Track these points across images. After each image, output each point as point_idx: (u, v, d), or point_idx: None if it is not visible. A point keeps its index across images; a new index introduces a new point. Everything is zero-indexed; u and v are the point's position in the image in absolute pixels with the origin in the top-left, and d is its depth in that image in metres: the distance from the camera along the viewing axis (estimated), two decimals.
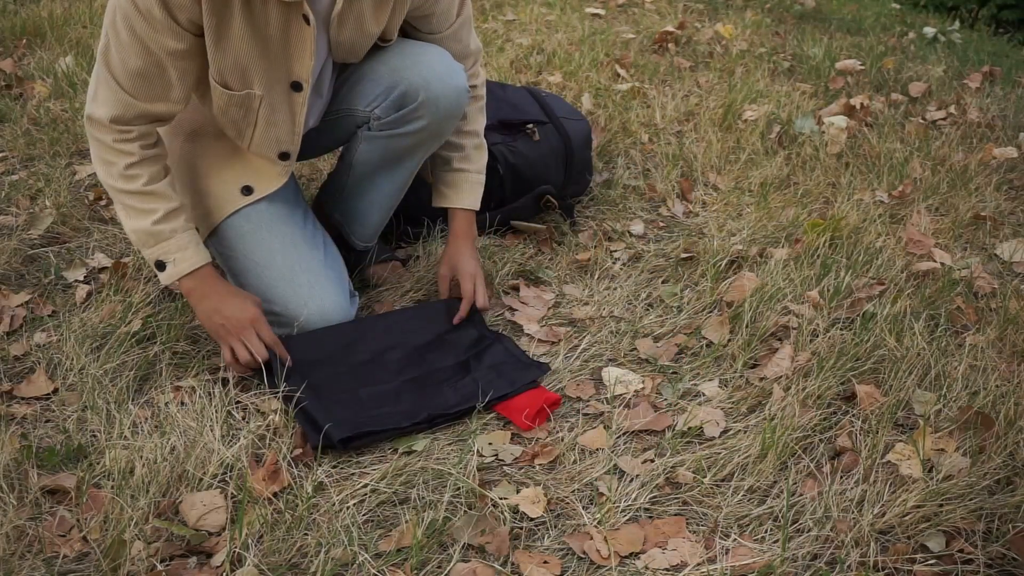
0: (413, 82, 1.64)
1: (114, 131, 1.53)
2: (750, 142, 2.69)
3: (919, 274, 2.04)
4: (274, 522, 1.33)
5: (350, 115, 1.74)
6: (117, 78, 1.49)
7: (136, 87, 1.50)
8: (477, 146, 1.86)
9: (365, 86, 1.69)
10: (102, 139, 1.55)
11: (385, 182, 1.82)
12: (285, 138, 1.67)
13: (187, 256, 1.60)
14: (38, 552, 1.27)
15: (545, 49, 3.45)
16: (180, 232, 1.60)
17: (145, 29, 1.44)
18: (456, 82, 1.66)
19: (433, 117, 1.67)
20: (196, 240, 1.62)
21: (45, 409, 1.57)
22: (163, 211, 1.58)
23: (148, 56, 1.47)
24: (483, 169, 1.87)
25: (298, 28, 1.52)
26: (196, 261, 1.61)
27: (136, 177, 1.56)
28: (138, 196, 1.57)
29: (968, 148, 2.75)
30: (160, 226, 1.58)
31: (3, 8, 3.55)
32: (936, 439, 1.51)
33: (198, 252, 1.62)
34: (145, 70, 1.48)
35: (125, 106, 1.51)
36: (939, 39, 4.24)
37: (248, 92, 1.57)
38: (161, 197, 1.58)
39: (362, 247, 1.95)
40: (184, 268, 1.60)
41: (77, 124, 2.59)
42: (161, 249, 1.59)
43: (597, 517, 1.37)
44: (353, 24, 1.58)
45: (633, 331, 1.84)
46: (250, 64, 1.53)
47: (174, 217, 1.60)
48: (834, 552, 1.32)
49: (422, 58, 1.66)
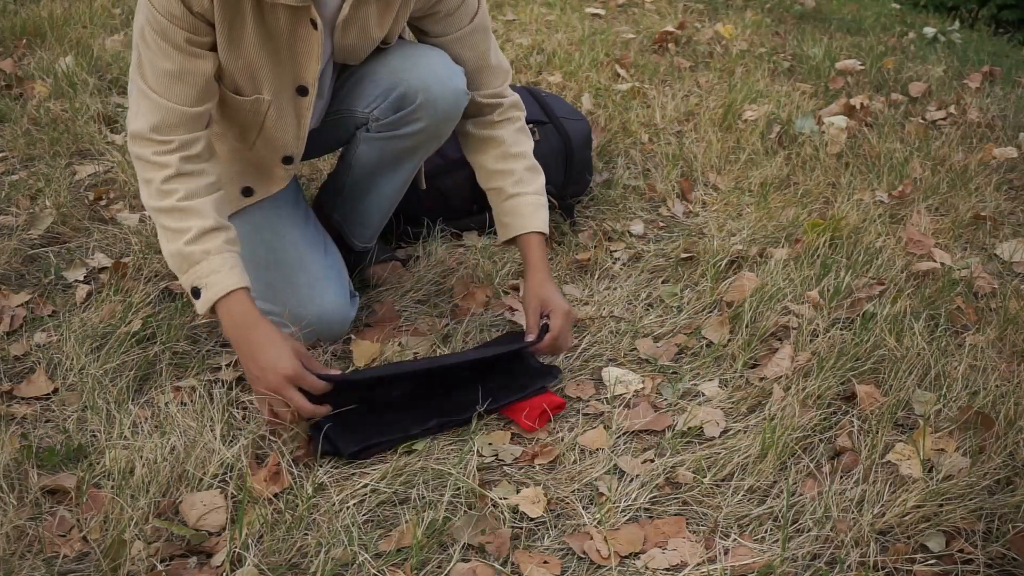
0: (412, 84, 1.64)
1: (154, 143, 1.47)
2: (750, 142, 2.69)
3: (919, 274, 2.04)
4: (274, 522, 1.33)
5: (349, 116, 1.74)
6: (152, 86, 1.47)
7: (171, 90, 1.47)
8: (529, 167, 1.73)
9: (364, 88, 1.69)
10: (142, 154, 1.48)
11: (384, 183, 1.82)
12: (290, 142, 1.67)
13: (218, 280, 1.45)
14: (38, 552, 1.27)
15: (545, 49, 3.45)
16: (214, 254, 1.46)
17: (169, 28, 1.43)
18: (455, 84, 1.65)
19: (431, 119, 1.67)
20: (232, 263, 1.47)
21: (45, 409, 1.57)
22: (196, 230, 1.46)
23: (177, 54, 1.45)
24: (542, 191, 1.73)
25: (305, 32, 1.52)
26: (226, 285, 1.46)
27: (172, 192, 1.47)
28: (172, 214, 1.47)
29: (968, 148, 2.75)
30: (192, 247, 1.46)
31: (3, 8, 3.54)
32: (936, 439, 1.51)
33: (231, 275, 1.46)
34: (177, 70, 1.46)
35: (164, 112, 1.46)
36: (939, 39, 4.24)
37: (257, 97, 1.57)
38: (196, 214, 1.47)
39: (361, 247, 1.95)
40: (215, 293, 1.45)
41: (77, 124, 2.60)
42: (194, 274, 1.46)
43: (597, 517, 1.37)
44: (358, 29, 1.59)
45: (633, 331, 1.84)
46: (260, 68, 1.53)
47: (209, 237, 1.47)
48: (834, 552, 1.32)
49: (421, 60, 1.65)
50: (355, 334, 1.79)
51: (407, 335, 1.81)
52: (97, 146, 2.51)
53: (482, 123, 1.74)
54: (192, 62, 1.47)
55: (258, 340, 1.47)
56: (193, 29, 1.45)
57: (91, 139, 2.53)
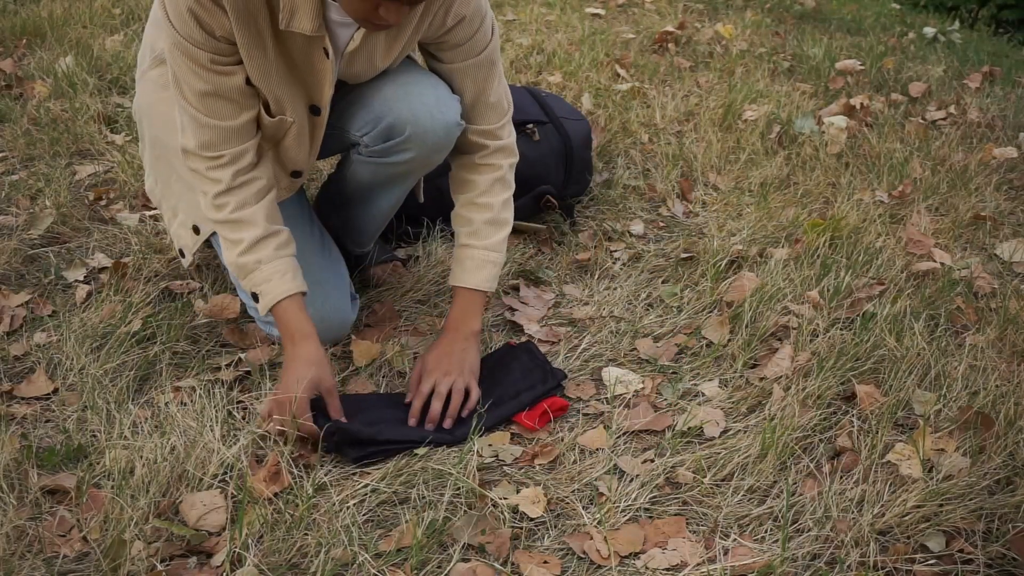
0: (401, 115, 1.61)
1: (205, 159, 1.52)
2: (750, 142, 2.69)
3: (919, 274, 2.04)
4: (274, 522, 1.33)
5: (344, 134, 1.73)
6: (192, 104, 1.50)
7: (210, 107, 1.50)
8: (489, 220, 1.69)
9: (357, 111, 1.67)
10: (197, 168, 1.54)
11: (379, 199, 1.81)
12: (302, 159, 1.67)
13: (271, 288, 1.53)
14: (38, 552, 1.27)
15: (545, 49, 3.45)
16: (265, 263, 1.53)
17: (194, 51, 1.45)
18: (446, 117, 1.61)
19: (420, 151, 1.65)
20: (283, 269, 1.54)
21: (45, 409, 1.57)
22: (248, 241, 1.53)
23: (206, 74, 1.47)
24: (496, 248, 1.69)
25: (318, 60, 1.52)
26: (277, 293, 1.53)
27: (224, 206, 1.53)
28: (227, 225, 1.54)
29: (968, 148, 2.75)
30: (246, 257, 1.53)
31: (3, 8, 3.54)
32: (936, 439, 1.51)
33: (282, 282, 1.53)
34: (211, 88, 1.48)
35: (208, 130, 1.50)
36: (939, 39, 4.24)
37: (282, 118, 1.58)
38: (247, 225, 1.53)
39: (358, 252, 1.95)
40: (268, 301, 1.54)
41: (77, 124, 2.60)
42: (250, 282, 1.54)
43: (597, 517, 1.37)
44: (364, 59, 1.59)
45: (633, 331, 1.84)
46: (283, 91, 1.54)
47: (261, 246, 1.53)
48: (834, 552, 1.32)
49: (414, 89, 1.62)
50: (355, 334, 1.79)
51: (407, 335, 1.81)
52: (97, 146, 2.51)
53: (463, 163, 1.72)
54: (222, 80, 1.48)
55: (293, 356, 1.53)
56: (216, 51, 1.46)
57: (91, 139, 2.53)
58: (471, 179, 1.71)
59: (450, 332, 1.66)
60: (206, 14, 1.42)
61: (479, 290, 1.68)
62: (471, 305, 1.68)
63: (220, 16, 1.42)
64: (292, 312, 1.55)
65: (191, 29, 1.43)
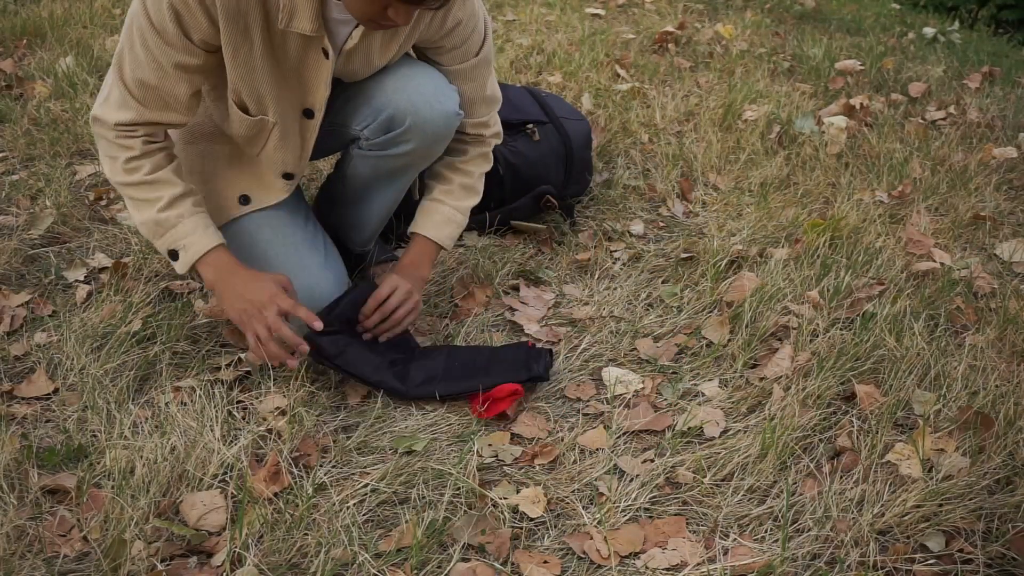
0: (400, 107, 1.62)
1: (118, 130, 1.53)
2: (750, 142, 2.69)
3: (919, 274, 2.04)
4: (274, 522, 1.33)
5: (343, 129, 1.73)
6: (128, 86, 1.49)
7: (146, 97, 1.50)
8: (465, 186, 1.78)
9: (357, 105, 1.68)
10: (104, 135, 1.54)
11: (379, 195, 1.82)
12: (292, 161, 1.67)
13: (196, 240, 1.55)
14: (38, 552, 1.27)
15: (545, 49, 3.45)
16: (187, 217, 1.55)
17: (159, 44, 1.44)
18: (445, 107, 1.63)
19: (421, 141, 1.66)
20: (205, 223, 1.58)
21: (45, 409, 1.57)
22: (167, 198, 1.54)
23: (159, 70, 1.47)
24: (465, 210, 1.78)
25: (315, 60, 1.52)
26: (206, 243, 1.56)
27: (137, 168, 1.54)
28: (141, 187, 1.54)
29: (968, 148, 2.75)
30: (165, 213, 1.54)
31: (3, 8, 3.55)
32: (936, 439, 1.51)
33: (207, 235, 1.57)
34: (156, 83, 1.48)
35: (134, 113, 1.51)
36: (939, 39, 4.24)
37: (262, 118, 1.58)
38: (164, 184, 1.55)
39: (359, 251, 1.95)
40: (195, 253, 1.55)
41: (77, 124, 2.60)
42: (170, 237, 1.55)
43: (597, 517, 1.37)
44: (362, 57, 1.59)
45: (633, 331, 1.84)
46: (267, 92, 1.54)
47: (179, 203, 1.55)
48: (834, 552, 1.32)
49: (412, 81, 1.63)
50: None
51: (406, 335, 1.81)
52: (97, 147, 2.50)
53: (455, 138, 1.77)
54: (171, 83, 1.49)
55: (243, 280, 1.57)
56: (185, 51, 1.46)
57: (91, 139, 2.53)
58: (459, 147, 1.78)
59: (402, 270, 1.73)
60: (188, 15, 1.41)
61: (438, 244, 1.76)
62: (427, 254, 1.76)
63: (202, 18, 1.42)
64: (223, 256, 1.58)
65: (167, 25, 1.42)
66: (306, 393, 1.60)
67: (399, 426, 1.57)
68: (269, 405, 1.57)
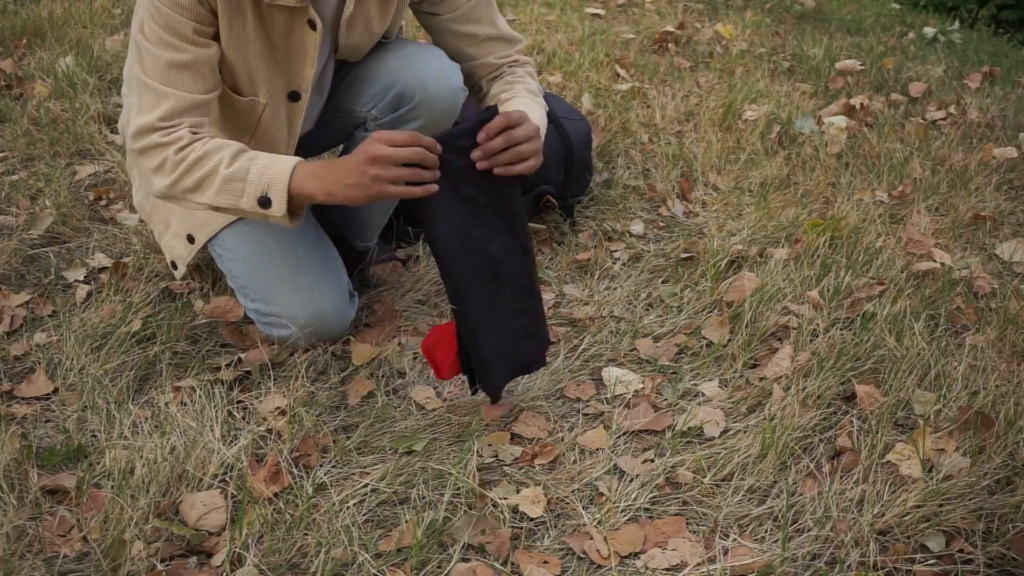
0: (409, 82, 1.64)
1: (161, 130, 1.47)
2: (750, 142, 2.69)
3: (919, 274, 2.04)
4: (274, 522, 1.33)
5: (348, 115, 1.74)
6: (156, 78, 1.46)
7: (177, 79, 1.46)
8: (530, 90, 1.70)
9: (362, 86, 1.69)
10: (148, 142, 1.47)
11: None
12: (280, 148, 1.66)
13: (276, 171, 1.45)
14: (38, 552, 1.27)
15: (545, 49, 3.45)
16: (256, 159, 1.46)
17: (175, 19, 1.43)
18: (452, 82, 1.65)
19: (429, 117, 1.67)
20: (272, 156, 1.48)
21: (45, 409, 1.57)
22: (228, 156, 1.46)
23: (183, 44, 1.44)
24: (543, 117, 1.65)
25: (301, 34, 1.51)
26: (287, 167, 1.45)
27: (188, 153, 1.46)
28: (198, 164, 1.45)
29: (968, 148, 2.75)
30: (235, 165, 1.45)
31: (3, 8, 3.55)
32: (936, 439, 1.51)
33: (283, 160, 1.46)
34: (183, 60, 1.45)
35: (172, 99, 1.46)
36: (939, 39, 4.24)
37: (253, 99, 1.57)
38: (217, 149, 1.46)
39: (362, 247, 1.95)
40: (283, 183, 1.44)
41: (77, 124, 2.60)
42: (251, 185, 1.45)
43: (597, 517, 1.37)
44: (362, 26, 1.59)
45: (633, 331, 1.84)
46: (258, 70, 1.53)
47: (242, 154, 1.47)
48: (834, 552, 1.32)
49: (418, 58, 1.65)
50: (355, 334, 1.79)
51: (407, 335, 1.81)
52: (97, 146, 2.51)
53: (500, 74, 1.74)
54: (200, 51, 1.47)
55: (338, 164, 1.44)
56: (199, 19, 1.45)
57: (91, 139, 2.53)
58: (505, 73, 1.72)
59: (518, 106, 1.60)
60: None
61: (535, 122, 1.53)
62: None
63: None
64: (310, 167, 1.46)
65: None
66: (306, 393, 1.60)
67: (399, 426, 1.56)
68: (269, 405, 1.58)
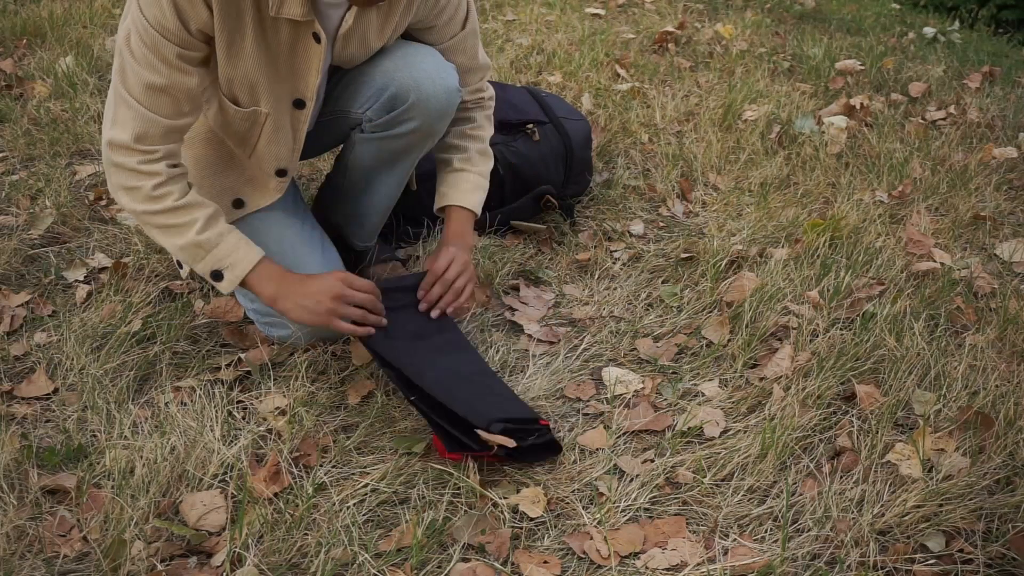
0: (403, 83, 1.64)
1: (139, 152, 1.48)
2: (750, 142, 2.69)
3: (919, 274, 2.04)
4: (274, 522, 1.33)
5: (343, 117, 1.74)
6: (136, 96, 1.46)
7: (155, 102, 1.46)
8: (481, 151, 1.82)
9: (357, 89, 1.69)
10: (124, 163, 1.49)
11: (381, 183, 1.82)
12: (284, 155, 1.67)
13: (241, 256, 1.54)
14: (38, 552, 1.27)
15: (545, 49, 3.45)
16: (227, 235, 1.54)
17: (160, 41, 1.42)
18: (446, 82, 1.65)
19: (425, 118, 1.67)
20: (244, 238, 1.56)
21: (45, 409, 1.57)
22: (203, 219, 1.52)
23: (165, 67, 1.44)
24: (486, 174, 1.82)
25: (305, 46, 1.52)
26: (252, 258, 1.55)
27: (166, 196, 1.50)
28: (172, 213, 1.51)
29: (968, 148, 2.75)
30: (205, 234, 1.52)
31: (3, 8, 3.54)
32: (936, 439, 1.51)
33: (250, 249, 1.56)
34: (163, 83, 1.45)
35: (148, 123, 1.47)
36: (939, 39, 4.24)
37: (255, 109, 1.57)
38: (196, 206, 1.53)
39: (362, 247, 1.95)
40: (242, 270, 1.54)
41: (77, 124, 2.60)
42: (213, 258, 1.53)
43: (597, 517, 1.37)
44: (358, 40, 1.59)
45: (633, 331, 1.84)
46: (259, 80, 1.53)
47: (215, 222, 1.54)
48: (834, 552, 1.32)
49: (412, 59, 1.65)
50: None
51: None
52: (97, 146, 2.50)
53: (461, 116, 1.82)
54: (179, 77, 1.46)
55: (299, 280, 1.58)
56: (185, 45, 1.44)
57: (91, 139, 2.53)
58: (465, 116, 1.81)
59: (452, 240, 1.75)
60: (188, 4, 1.40)
61: (472, 211, 1.78)
62: (467, 223, 1.77)
63: (200, 6, 1.41)
64: (272, 266, 1.58)
65: (165, 17, 1.40)
66: (306, 393, 1.60)
67: (399, 426, 1.56)
68: (269, 405, 1.58)
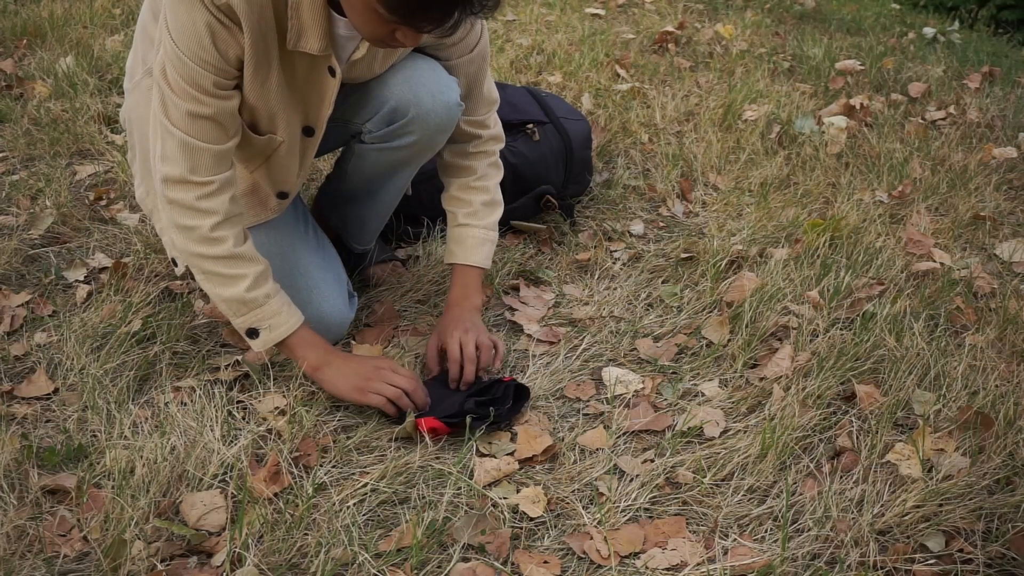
0: (403, 97, 1.63)
1: (195, 186, 1.46)
2: (750, 142, 2.69)
3: (919, 274, 2.04)
4: (274, 522, 1.33)
5: (345, 125, 1.73)
6: (180, 127, 1.44)
7: (200, 130, 1.44)
8: (486, 203, 1.77)
9: (358, 100, 1.68)
10: (182, 199, 1.46)
11: (380, 191, 1.82)
12: (288, 179, 1.67)
13: (283, 320, 1.54)
14: (38, 552, 1.27)
15: (545, 49, 3.45)
16: (273, 296, 1.54)
17: (197, 73, 1.40)
18: (447, 98, 1.63)
19: (423, 132, 1.66)
20: (287, 301, 1.56)
21: (45, 409, 1.57)
22: (252, 276, 1.51)
23: (205, 97, 1.43)
24: (493, 227, 1.77)
25: (320, 78, 1.52)
26: (293, 323, 1.55)
27: (222, 240, 1.48)
28: (225, 261, 1.49)
29: (968, 148, 2.75)
30: (253, 293, 1.51)
31: (3, 8, 3.55)
32: (936, 439, 1.51)
33: (291, 313, 1.55)
34: (205, 112, 1.44)
35: (197, 152, 1.45)
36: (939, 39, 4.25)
37: (271, 137, 1.57)
38: (249, 261, 1.51)
39: (360, 250, 1.95)
40: (281, 334, 1.54)
41: (77, 124, 2.60)
42: (254, 316, 1.53)
43: (597, 517, 1.37)
44: (364, 66, 1.60)
45: (633, 331, 1.84)
46: (278, 111, 1.53)
47: (264, 281, 1.53)
48: (834, 552, 1.32)
49: (413, 73, 1.64)
50: (355, 334, 1.79)
51: (407, 335, 1.81)
52: (97, 146, 2.51)
53: (457, 151, 1.77)
54: (221, 104, 1.45)
55: (345, 356, 1.61)
56: (221, 74, 1.43)
57: (91, 139, 2.53)
58: (467, 164, 1.77)
59: (456, 306, 1.72)
60: (225, 32, 1.38)
61: (479, 267, 1.75)
62: (472, 281, 1.75)
63: (237, 34, 1.40)
64: (311, 333, 1.58)
65: (202, 48, 1.38)
66: (306, 393, 1.60)
67: (399, 425, 1.56)
68: (269, 405, 1.58)
